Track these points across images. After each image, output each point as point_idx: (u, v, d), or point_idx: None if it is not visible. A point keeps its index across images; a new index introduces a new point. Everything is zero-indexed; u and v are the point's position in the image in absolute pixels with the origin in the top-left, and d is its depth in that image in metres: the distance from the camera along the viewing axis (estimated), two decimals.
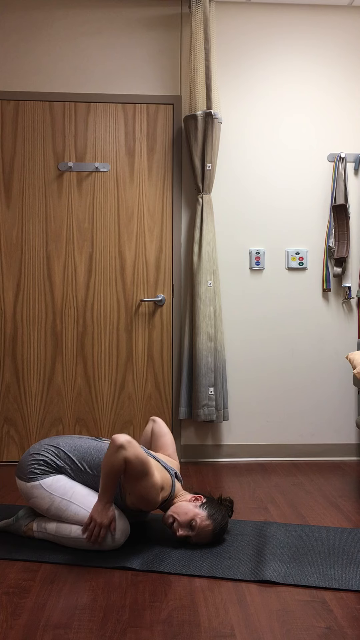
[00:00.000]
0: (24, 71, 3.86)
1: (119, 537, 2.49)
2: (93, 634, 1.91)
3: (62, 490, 2.51)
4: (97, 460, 2.55)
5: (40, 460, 2.56)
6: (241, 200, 3.97)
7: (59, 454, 2.58)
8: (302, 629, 1.95)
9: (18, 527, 2.63)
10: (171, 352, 3.94)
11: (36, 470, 2.54)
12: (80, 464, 2.55)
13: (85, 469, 2.55)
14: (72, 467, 2.56)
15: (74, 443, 2.62)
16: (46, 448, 2.60)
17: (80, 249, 3.89)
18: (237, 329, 3.98)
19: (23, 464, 2.60)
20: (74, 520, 2.49)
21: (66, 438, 2.67)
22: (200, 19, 3.73)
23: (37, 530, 2.59)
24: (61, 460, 2.56)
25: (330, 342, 4.02)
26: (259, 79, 3.96)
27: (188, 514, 2.50)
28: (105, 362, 3.91)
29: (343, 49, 3.99)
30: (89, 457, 2.56)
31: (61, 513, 2.50)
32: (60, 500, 2.50)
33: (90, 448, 2.59)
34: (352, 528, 2.79)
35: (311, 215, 4.00)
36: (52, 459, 2.56)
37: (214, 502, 2.58)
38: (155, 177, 3.92)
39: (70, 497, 2.50)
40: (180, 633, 1.92)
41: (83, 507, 2.48)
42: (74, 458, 2.56)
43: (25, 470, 2.57)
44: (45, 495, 2.51)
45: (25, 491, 2.57)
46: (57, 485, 2.52)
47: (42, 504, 2.52)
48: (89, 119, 3.89)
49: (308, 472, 3.73)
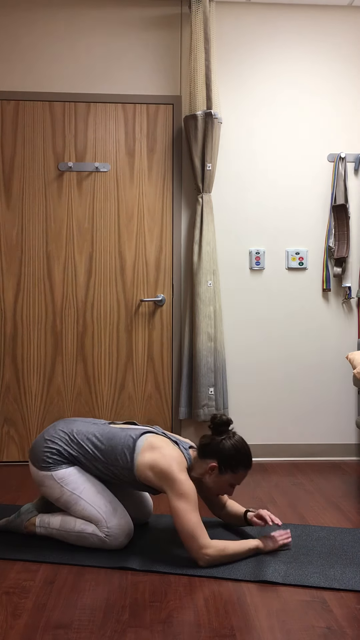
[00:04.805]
0: (24, 71, 3.86)
1: (122, 538, 2.50)
2: (93, 634, 1.91)
3: (73, 485, 2.51)
4: (109, 449, 2.52)
5: (53, 449, 2.55)
6: (241, 200, 3.97)
7: (73, 443, 2.56)
8: (302, 629, 1.95)
9: (20, 523, 2.63)
10: (171, 352, 3.94)
11: (49, 459, 2.54)
12: (93, 452, 2.53)
13: (98, 457, 2.53)
14: (85, 456, 2.54)
15: (87, 430, 2.59)
16: (60, 436, 2.58)
17: (80, 249, 3.89)
18: (237, 329, 3.98)
19: (37, 449, 2.59)
20: (80, 515, 2.50)
21: (80, 424, 2.64)
22: (200, 19, 3.73)
23: (39, 525, 2.58)
24: (74, 450, 2.55)
25: (330, 342, 4.02)
26: (259, 79, 3.96)
27: (222, 487, 2.51)
28: (105, 362, 3.91)
29: (343, 49, 3.99)
30: (101, 445, 2.54)
31: (69, 506, 2.52)
32: (70, 494, 2.50)
33: (103, 435, 2.56)
34: (352, 528, 2.79)
35: (311, 215, 4.00)
36: (65, 449, 2.55)
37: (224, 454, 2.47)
38: (155, 177, 3.92)
39: (80, 492, 2.50)
40: (180, 633, 1.92)
41: (91, 505, 2.49)
42: (88, 447, 2.54)
43: (38, 458, 2.57)
44: (56, 487, 2.52)
45: (37, 478, 2.57)
46: (69, 479, 2.52)
47: (53, 494, 2.53)
48: (89, 119, 3.89)
49: (308, 472, 3.73)
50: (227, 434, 2.51)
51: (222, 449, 2.46)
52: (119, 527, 2.49)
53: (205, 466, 2.50)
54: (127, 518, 2.53)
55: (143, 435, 2.54)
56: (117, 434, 2.56)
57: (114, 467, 2.51)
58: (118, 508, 2.52)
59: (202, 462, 2.51)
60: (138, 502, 2.79)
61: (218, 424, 2.51)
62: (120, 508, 2.53)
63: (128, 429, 2.59)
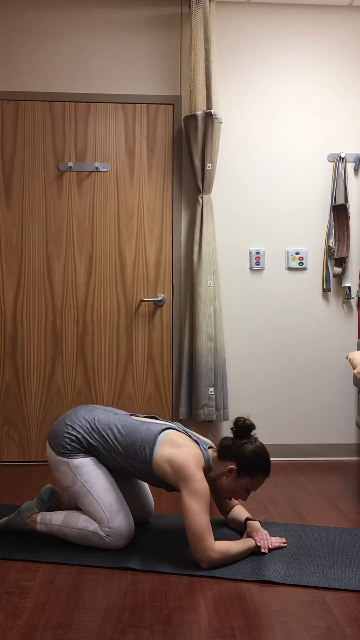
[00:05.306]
0: (24, 71, 3.86)
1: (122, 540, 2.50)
2: (93, 634, 1.91)
3: (86, 477, 2.52)
4: (129, 441, 2.51)
5: (73, 436, 2.56)
6: (241, 200, 3.97)
7: (94, 432, 2.56)
8: (302, 629, 1.95)
9: (20, 521, 2.63)
10: (171, 352, 3.94)
11: (68, 446, 2.55)
12: (113, 443, 2.53)
13: (117, 448, 2.53)
14: (105, 446, 2.54)
15: (109, 420, 2.59)
16: (82, 423, 2.58)
17: (80, 249, 3.89)
18: (237, 329, 3.98)
19: (57, 432, 2.59)
20: (85, 509, 2.51)
21: (102, 413, 2.64)
22: (200, 19, 3.73)
23: (40, 522, 2.58)
24: (94, 439, 2.55)
25: (330, 342, 4.02)
26: (259, 79, 3.96)
27: (237, 491, 2.51)
28: (105, 362, 3.91)
29: (343, 49, 3.99)
30: (121, 436, 2.53)
31: (77, 497, 2.52)
32: (81, 486, 2.51)
33: (125, 427, 2.56)
34: (352, 528, 2.79)
35: (311, 215, 4.00)
36: (85, 437, 2.55)
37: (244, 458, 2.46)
38: (155, 177, 3.92)
39: (90, 486, 2.50)
40: (180, 633, 1.92)
41: (98, 502, 2.49)
42: (108, 437, 2.54)
43: (57, 441, 2.57)
44: (69, 475, 2.53)
45: (54, 462, 2.58)
46: (84, 469, 2.52)
47: (65, 481, 2.54)
48: (89, 119, 3.89)
49: (308, 472, 3.73)
50: (249, 438, 2.50)
51: (243, 452, 2.45)
52: (120, 528, 2.49)
53: (224, 468, 2.49)
54: (130, 520, 2.53)
55: (164, 430, 2.53)
56: (138, 427, 2.55)
57: (132, 460, 2.51)
58: (123, 509, 2.52)
59: (221, 464, 2.51)
60: (141, 503, 2.79)
61: (241, 427, 2.51)
62: (124, 510, 2.53)
63: (149, 423, 2.58)
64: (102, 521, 2.49)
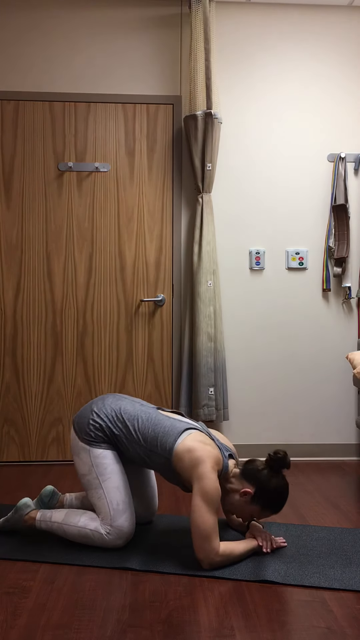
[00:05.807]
0: (24, 71, 3.86)
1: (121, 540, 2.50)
2: (93, 634, 1.91)
3: (101, 469, 2.53)
4: (152, 434, 2.52)
5: (97, 424, 2.56)
6: (241, 200, 3.97)
7: (118, 421, 2.57)
8: (302, 629, 1.95)
9: (18, 518, 2.63)
10: (171, 352, 3.94)
11: (91, 433, 2.56)
12: (135, 434, 2.54)
13: (139, 440, 2.53)
14: (127, 437, 2.55)
15: (135, 411, 2.60)
16: (107, 412, 2.59)
17: (80, 248, 3.89)
18: (237, 329, 3.98)
19: (83, 418, 2.61)
20: (93, 501, 2.52)
21: (129, 403, 2.65)
22: (200, 19, 3.73)
23: (40, 519, 2.58)
24: (118, 429, 2.56)
25: (330, 342, 4.02)
26: (259, 79, 3.96)
27: (243, 513, 2.53)
28: (105, 362, 3.91)
29: (343, 49, 3.99)
30: (144, 429, 2.54)
31: (89, 487, 2.54)
32: (95, 477, 2.52)
33: (150, 420, 2.56)
34: (352, 528, 2.79)
35: (311, 215, 4.00)
36: (108, 426, 2.56)
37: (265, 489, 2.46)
38: (155, 177, 3.92)
39: (103, 480, 2.52)
40: (180, 633, 1.92)
41: (106, 497, 2.50)
42: (132, 428, 2.55)
43: (82, 427, 2.59)
44: (87, 462, 2.54)
45: (75, 447, 2.59)
46: (102, 461, 2.53)
47: (82, 468, 2.56)
48: (89, 119, 3.89)
49: (308, 472, 3.73)
50: (278, 473, 2.51)
51: (267, 484, 2.46)
52: (122, 528, 2.49)
53: (241, 487, 2.51)
54: (133, 522, 2.53)
55: (188, 430, 2.53)
56: (163, 421, 2.56)
57: (152, 453, 2.51)
58: (128, 510, 2.52)
59: (240, 481, 2.52)
60: (148, 503, 2.80)
61: (278, 461, 2.49)
62: (129, 511, 2.53)
63: (174, 419, 2.58)
64: (106, 517, 2.49)
